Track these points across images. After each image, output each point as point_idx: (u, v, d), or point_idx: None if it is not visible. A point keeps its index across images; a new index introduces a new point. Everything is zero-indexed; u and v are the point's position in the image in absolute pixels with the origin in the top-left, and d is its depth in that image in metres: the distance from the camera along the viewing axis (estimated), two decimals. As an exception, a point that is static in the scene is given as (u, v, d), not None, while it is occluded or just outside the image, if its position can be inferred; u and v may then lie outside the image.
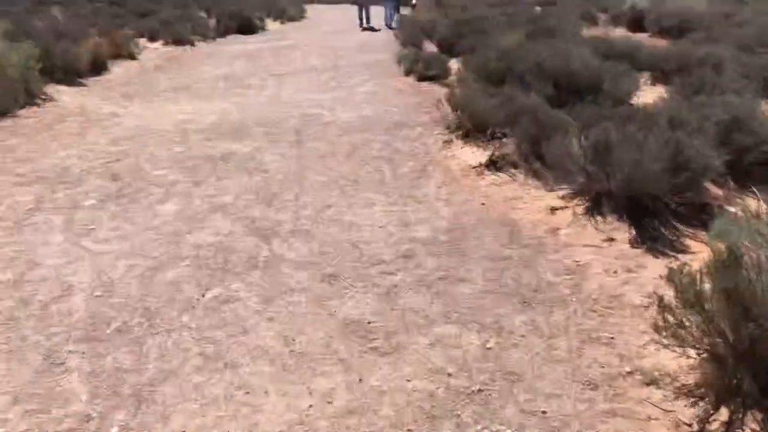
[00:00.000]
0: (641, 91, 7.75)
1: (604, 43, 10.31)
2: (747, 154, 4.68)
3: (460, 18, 15.83)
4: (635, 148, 4.06)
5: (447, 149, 6.06)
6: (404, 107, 8.03)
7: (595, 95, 6.86)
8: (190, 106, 8.28)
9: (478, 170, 5.32)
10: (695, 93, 6.28)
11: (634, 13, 17.38)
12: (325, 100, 8.50)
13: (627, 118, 4.85)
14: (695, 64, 8.41)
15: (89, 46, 10.69)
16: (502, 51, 7.89)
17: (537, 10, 25.13)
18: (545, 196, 4.67)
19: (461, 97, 6.35)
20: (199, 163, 5.62)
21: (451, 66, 10.13)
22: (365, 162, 5.70)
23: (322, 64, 12.05)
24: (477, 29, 13.24)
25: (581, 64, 7.32)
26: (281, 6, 27.46)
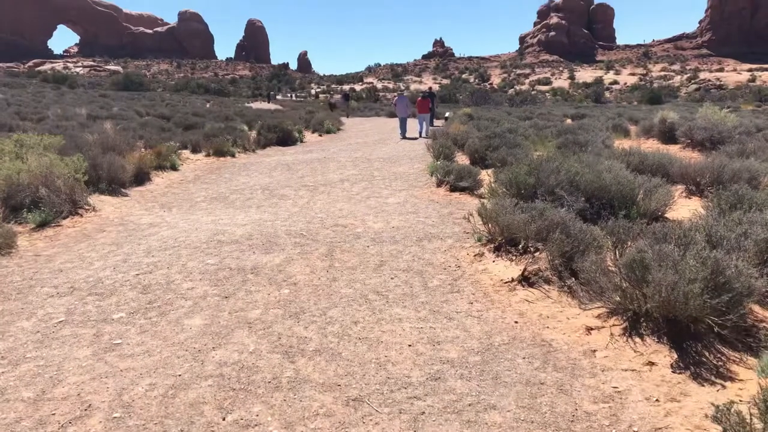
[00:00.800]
0: (676, 205, 7.68)
1: (636, 155, 10.37)
2: (792, 274, 4.49)
3: (490, 130, 16.24)
4: (672, 268, 3.93)
5: (478, 262, 5.99)
6: (436, 218, 8.08)
7: (628, 209, 6.83)
8: (225, 217, 8.47)
9: (511, 285, 5.22)
10: (732, 208, 6.18)
11: (664, 125, 17.61)
12: (357, 211, 8.62)
13: (662, 235, 4.75)
14: (730, 178, 8.36)
15: (134, 158, 11.23)
16: (533, 164, 7.97)
17: (567, 123, 25.76)
18: (580, 314, 4.51)
19: (492, 210, 6.35)
20: (229, 275, 5.64)
21: (483, 177, 10.27)
22: (395, 274, 5.65)
23: (356, 175, 12.36)
24: (508, 142, 13.53)
25: (613, 177, 7.32)
26: (319, 118, 28.74)
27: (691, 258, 4.04)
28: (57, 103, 30.15)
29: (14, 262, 6.24)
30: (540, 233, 5.72)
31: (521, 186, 7.54)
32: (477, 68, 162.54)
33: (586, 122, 22.50)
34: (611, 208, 6.95)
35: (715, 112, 17.84)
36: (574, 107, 54.80)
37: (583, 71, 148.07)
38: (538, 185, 7.45)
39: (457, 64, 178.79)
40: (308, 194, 10.24)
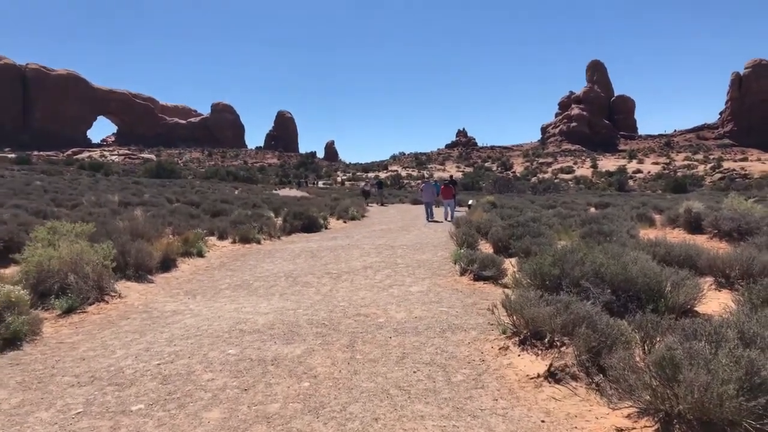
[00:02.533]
0: (705, 298, 7.50)
1: (663, 246, 10.26)
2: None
3: (514, 219, 16.29)
4: (704, 367, 3.80)
5: (503, 356, 5.86)
6: (459, 308, 7.99)
7: (656, 303, 6.69)
8: (248, 305, 8.49)
9: (537, 382, 5.07)
10: (764, 303, 6.02)
11: (690, 215, 17.49)
12: (380, 300, 8.58)
13: (692, 332, 4.62)
14: (760, 271, 8.19)
15: (161, 244, 11.45)
16: (558, 255, 7.93)
17: (591, 211, 25.75)
18: (609, 414, 4.34)
19: (516, 302, 6.27)
20: (249, 367, 5.59)
21: (507, 267, 10.20)
22: (417, 368, 5.54)
23: (379, 262, 12.38)
24: (531, 230, 13.53)
25: (640, 269, 7.23)
26: (344, 205, 29.21)
27: (724, 357, 3.91)
28: (91, 190, 31.22)
29: (38, 350, 6.28)
30: (566, 327, 5.61)
31: (546, 277, 7.47)
32: (499, 157, 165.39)
33: (610, 211, 22.47)
34: (638, 301, 6.82)
35: (741, 202, 17.71)
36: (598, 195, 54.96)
37: (605, 160, 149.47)
38: (562, 276, 7.38)
39: (479, 153, 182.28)
40: (331, 282, 10.26)
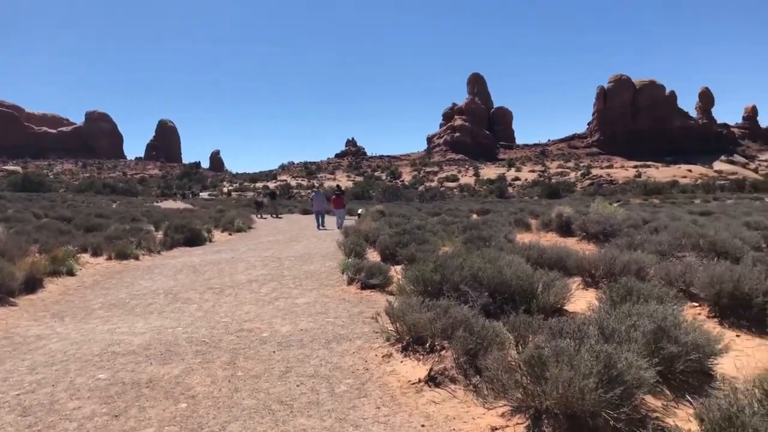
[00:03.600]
0: (573, 297, 8.01)
1: (536, 249, 10.86)
2: (676, 362, 4.74)
3: (401, 227, 16.62)
4: (568, 363, 4.05)
5: (386, 363, 5.93)
6: (346, 318, 8.00)
7: (528, 303, 7.06)
8: (123, 325, 8.02)
9: (418, 387, 5.17)
10: (622, 300, 6.53)
11: (561, 219, 18.67)
12: (265, 314, 8.42)
13: (558, 330, 4.92)
14: (620, 270, 8.88)
15: (25, 263, 10.56)
16: (438, 261, 8.16)
17: (473, 218, 26.83)
18: (485, 414, 4.51)
19: (399, 309, 6.38)
20: (122, 391, 5.27)
21: (393, 274, 10.37)
22: (301, 381, 5.48)
23: (265, 275, 12.16)
24: (417, 238, 13.86)
25: (513, 272, 7.60)
26: (230, 217, 28.44)
27: (586, 352, 4.19)
28: (-56, 206, 28.27)
29: None
30: (445, 331, 5.78)
31: (428, 283, 7.67)
32: (388, 166, 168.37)
33: (490, 217, 23.53)
34: (513, 303, 7.16)
35: (605, 207, 19.19)
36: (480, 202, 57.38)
37: (487, 169, 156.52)
38: (443, 282, 7.60)
39: (369, 163, 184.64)
40: (214, 297, 9.92)
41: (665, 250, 11.09)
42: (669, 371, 4.82)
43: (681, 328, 5.07)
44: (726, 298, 7.10)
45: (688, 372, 4.86)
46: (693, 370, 4.88)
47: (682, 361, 4.76)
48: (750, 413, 2.85)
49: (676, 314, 5.33)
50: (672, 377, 4.82)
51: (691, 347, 4.85)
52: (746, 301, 7.02)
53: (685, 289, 7.94)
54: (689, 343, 4.85)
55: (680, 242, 11.76)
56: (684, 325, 5.16)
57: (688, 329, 5.09)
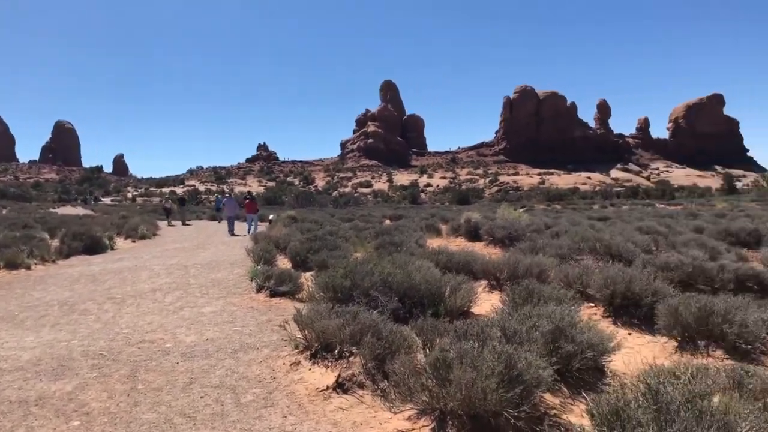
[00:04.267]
0: (480, 300, 8.25)
1: (444, 254, 11.11)
2: (573, 361, 4.97)
3: (312, 233, 16.51)
4: (471, 365, 4.15)
5: (294, 372, 5.85)
6: (254, 326, 7.83)
7: (436, 307, 7.19)
8: (11, 339, 7.46)
9: (326, 394, 5.13)
10: (524, 302, 6.79)
11: (470, 224, 19.21)
12: (169, 324, 8.09)
13: (463, 332, 5.04)
14: (523, 273, 9.22)
15: None
16: (349, 267, 8.16)
17: (386, 223, 27.09)
18: (392, 418, 4.54)
19: (307, 316, 6.32)
20: (8, 410, 4.89)
21: (303, 281, 10.26)
22: (205, 393, 5.30)
23: (170, 284, 11.70)
24: (328, 244, 13.81)
25: (422, 277, 7.72)
26: (133, 223, 27.21)
27: (488, 353, 4.31)
28: None
29: None
30: (354, 337, 5.78)
31: (338, 289, 7.65)
32: (302, 171, 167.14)
33: (403, 223, 23.84)
34: (422, 307, 7.27)
35: (510, 212, 19.91)
36: (394, 208, 58.06)
37: (400, 175, 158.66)
38: (354, 287, 7.60)
39: (281, 168, 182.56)
40: (114, 308, 9.43)
41: (565, 254, 11.64)
42: (566, 369, 5.05)
43: (577, 327, 5.32)
44: (619, 299, 7.54)
45: (584, 369, 5.11)
46: (588, 368, 5.14)
47: (578, 359, 5.00)
48: (635, 407, 3.03)
49: (572, 315, 5.60)
50: (569, 375, 5.05)
51: (587, 346, 5.11)
52: (637, 300, 7.48)
53: (582, 291, 8.37)
54: (584, 342, 5.10)
55: (579, 246, 12.39)
56: (580, 325, 5.43)
57: (584, 329, 5.36)
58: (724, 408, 3.04)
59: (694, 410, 2.87)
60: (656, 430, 2.76)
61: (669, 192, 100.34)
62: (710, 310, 6.05)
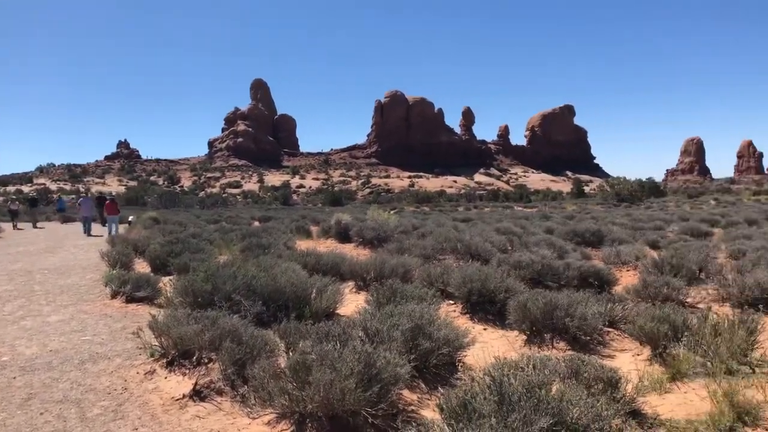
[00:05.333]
0: (346, 301, 8.32)
1: (313, 256, 11.08)
2: (431, 357, 5.15)
3: (174, 235, 15.79)
4: (331, 366, 4.17)
5: (149, 381, 5.55)
6: (106, 335, 7.33)
7: (301, 309, 7.16)
8: None
9: (182, 402, 4.92)
10: (388, 301, 6.94)
11: (340, 226, 19.33)
12: (7, 336, 7.36)
13: (325, 334, 5.05)
14: (389, 273, 9.43)
15: None
16: (210, 270, 7.90)
17: (255, 225, 26.57)
18: (251, 423, 4.44)
19: (164, 323, 6.02)
20: None
21: (163, 286, 9.77)
22: (46, 408, 4.88)
23: (11, 291, 10.66)
24: (191, 247, 13.29)
25: (288, 279, 7.65)
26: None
27: (348, 354, 4.35)
28: None
29: None
30: (213, 342, 5.59)
31: (198, 294, 7.37)
32: (166, 170, 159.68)
33: (272, 225, 23.51)
34: (287, 310, 7.21)
35: (380, 214, 20.30)
36: (264, 209, 57.07)
37: (271, 175, 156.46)
38: (215, 291, 7.36)
39: (144, 166, 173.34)
40: (-60, 319, 8.42)
41: (429, 254, 12.07)
42: (424, 366, 5.23)
43: (435, 325, 5.53)
44: (475, 296, 7.93)
45: (441, 365, 5.32)
46: (445, 363, 5.35)
47: (435, 355, 5.19)
48: (482, 399, 3.20)
49: (431, 312, 5.81)
50: (427, 371, 5.23)
51: (443, 342, 5.32)
52: (492, 297, 7.92)
53: (443, 289, 8.72)
54: (441, 338, 5.31)
55: (442, 246, 12.90)
56: (438, 322, 5.64)
57: (441, 326, 5.57)
58: (560, 396, 3.30)
59: (533, 399, 3.09)
60: (498, 420, 2.94)
61: (526, 195, 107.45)
62: (555, 305, 6.54)
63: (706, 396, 4.40)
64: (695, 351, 5.44)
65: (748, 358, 5.39)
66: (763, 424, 3.99)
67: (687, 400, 4.65)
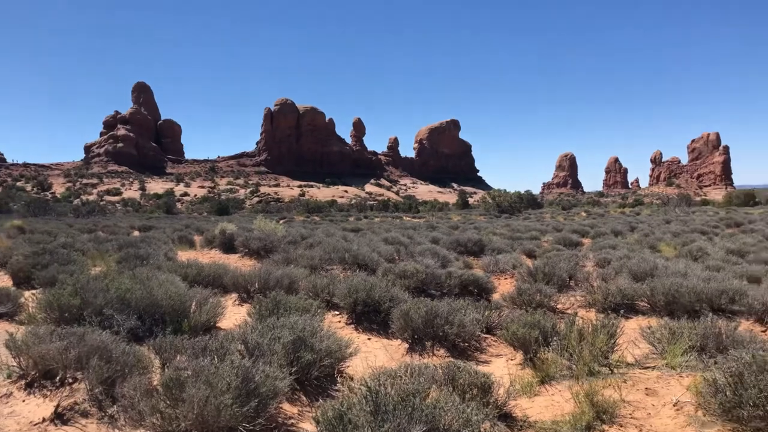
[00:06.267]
0: (229, 313, 8.10)
1: (194, 267, 10.67)
2: (312, 369, 5.12)
3: (41, 246, 14.64)
4: (206, 382, 4.03)
5: (4, 404, 5.08)
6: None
7: (179, 323, 6.87)
8: None
9: (41, 427, 4.55)
10: (271, 314, 6.82)
11: (225, 236, 18.77)
12: None
13: (201, 349, 4.88)
14: (274, 284, 9.28)
15: None
16: (80, 284, 7.39)
17: (135, 234, 25.25)
18: (120, 447, 4.19)
19: (23, 341, 5.55)
20: None
21: (25, 301, 9.01)
22: None
23: None
24: (61, 258, 12.39)
25: (165, 292, 7.31)
26: None
27: (225, 369, 4.22)
28: None
29: None
30: (80, 361, 5.22)
31: (64, 308, 6.87)
32: (35, 176, 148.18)
33: (153, 234, 22.44)
34: (164, 324, 6.89)
35: (267, 224, 19.96)
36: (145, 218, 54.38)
37: (154, 183, 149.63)
38: (84, 306, 6.90)
39: (10, 171, 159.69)
40: None
41: (317, 264, 12.01)
42: (306, 378, 5.19)
43: (317, 336, 5.50)
44: (361, 306, 7.99)
45: (323, 377, 5.30)
46: (327, 375, 5.34)
47: (317, 367, 5.17)
48: (357, 410, 3.22)
49: (314, 324, 5.77)
50: (308, 383, 5.19)
51: (326, 353, 5.31)
52: (377, 307, 8.01)
53: (329, 300, 8.71)
54: (323, 350, 5.29)
55: (330, 257, 12.89)
56: (320, 334, 5.62)
57: (324, 337, 5.56)
58: (434, 403, 3.39)
59: (407, 408, 3.15)
60: (372, 429, 2.97)
61: (415, 206, 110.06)
62: (435, 313, 6.73)
63: (570, 397, 4.70)
64: (562, 355, 5.79)
65: (609, 360, 5.81)
66: (619, 420, 4.31)
67: (554, 402, 4.94)
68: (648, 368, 5.63)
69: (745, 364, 3.87)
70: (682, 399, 4.56)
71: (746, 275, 12.28)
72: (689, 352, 5.80)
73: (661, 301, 8.81)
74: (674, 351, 5.77)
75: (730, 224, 34.69)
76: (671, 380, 5.14)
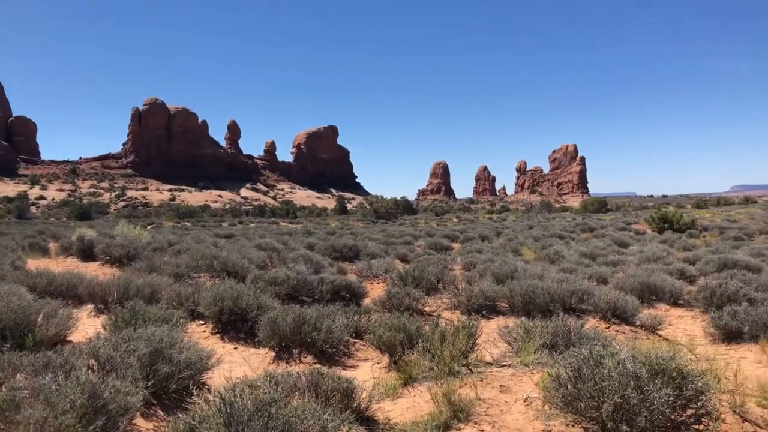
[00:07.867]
0: (82, 325, 7.56)
1: (45, 276, 9.85)
2: (170, 381, 4.90)
3: None
4: (45, 402, 3.71)
5: None
6: None
7: (22, 338, 6.31)
8: None
9: None
10: (128, 325, 6.44)
11: (83, 243, 17.50)
12: None
13: (43, 365, 4.50)
14: (135, 294, 8.78)
15: None
16: None
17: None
18: (-58, 479, 3.75)
19: None
20: None
21: None
22: None
23: None
24: None
25: (5, 305, 6.67)
26: None
27: (70, 386, 3.92)
28: None
29: None
30: None
31: None
32: None
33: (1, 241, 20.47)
34: (4, 339, 6.28)
35: (131, 230, 18.88)
36: (-7, 224, 49.36)
37: (4, 185, 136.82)
38: None
39: None
40: None
41: (182, 272, 11.52)
42: (164, 391, 4.95)
43: (177, 347, 5.27)
44: (227, 314, 7.77)
45: (182, 389, 5.08)
46: (187, 387, 5.11)
47: (176, 379, 4.94)
48: (211, 422, 3.11)
49: (173, 335, 5.52)
50: (166, 396, 4.96)
51: (185, 365, 5.09)
52: (244, 315, 7.83)
53: (194, 309, 8.38)
54: (183, 361, 5.08)
55: (197, 264, 12.42)
56: (180, 345, 5.38)
57: (184, 348, 5.33)
58: (292, 411, 3.35)
59: (263, 418, 3.09)
60: (224, 442, 2.88)
61: (292, 211, 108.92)
62: (303, 319, 6.69)
63: (430, 398, 4.85)
64: (425, 356, 5.98)
65: (468, 360, 6.07)
66: (474, 418, 4.51)
67: (415, 404, 5.07)
68: (504, 366, 5.95)
69: (584, 359, 4.19)
70: (532, 395, 4.86)
71: (596, 276, 13.40)
72: (541, 350, 6.20)
73: (519, 301, 9.36)
74: (528, 349, 6.14)
75: (585, 229, 37.70)
76: (524, 377, 5.47)
